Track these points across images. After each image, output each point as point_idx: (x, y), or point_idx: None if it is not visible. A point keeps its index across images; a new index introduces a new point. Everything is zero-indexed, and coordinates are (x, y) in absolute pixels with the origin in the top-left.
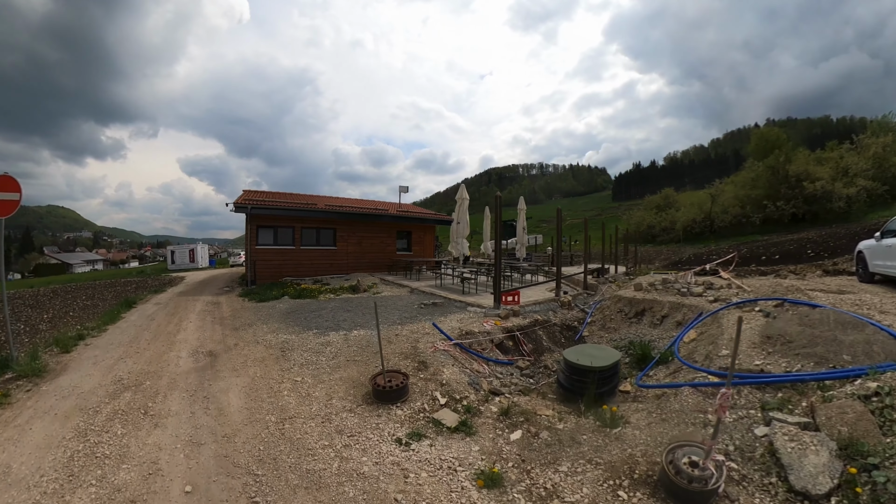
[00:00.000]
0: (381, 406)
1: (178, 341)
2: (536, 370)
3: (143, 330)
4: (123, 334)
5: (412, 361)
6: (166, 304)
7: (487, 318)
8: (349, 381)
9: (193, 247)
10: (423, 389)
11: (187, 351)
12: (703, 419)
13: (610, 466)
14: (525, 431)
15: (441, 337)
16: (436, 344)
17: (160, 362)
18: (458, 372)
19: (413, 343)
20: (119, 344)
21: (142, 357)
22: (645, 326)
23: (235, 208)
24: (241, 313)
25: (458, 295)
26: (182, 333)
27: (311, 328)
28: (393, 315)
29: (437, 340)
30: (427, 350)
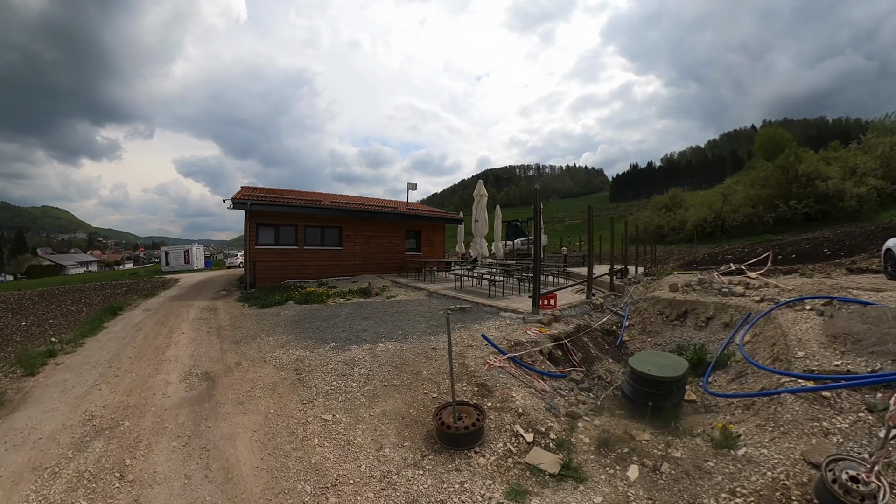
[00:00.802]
0: (453, 453)
1: (167, 359)
2: (591, 382)
3: (127, 344)
4: (103, 350)
5: (469, 384)
6: (156, 310)
7: (529, 326)
8: (398, 418)
9: (188, 248)
10: (499, 423)
11: (178, 373)
12: (821, 428)
13: (759, 496)
14: (640, 466)
15: (491, 350)
16: (489, 360)
17: (144, 390)
18: (528, 395)
19: (459, 359)
20: (96, 363)
21: (122, 382)
22: (689, 329)
23: (234, 204)
24: (242, 322)
25: (485, 298)
26: (173, 348)
27: (327, 341)
28: (419, 323)
29: (487, 355)
30: (480, 368)
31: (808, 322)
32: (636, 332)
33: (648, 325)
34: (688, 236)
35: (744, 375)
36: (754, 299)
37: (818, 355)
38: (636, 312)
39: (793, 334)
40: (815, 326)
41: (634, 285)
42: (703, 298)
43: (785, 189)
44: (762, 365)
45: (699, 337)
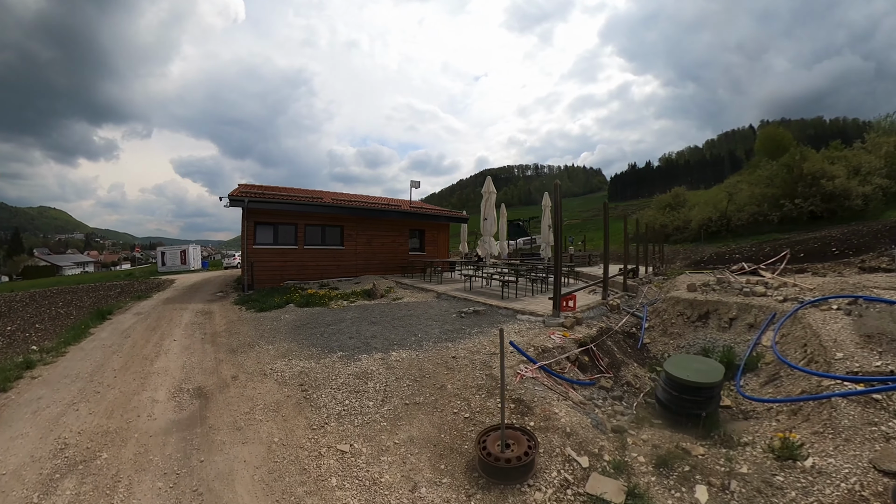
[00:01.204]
0: (504, 489)
1: (155, 372)
2: (621, 389)
3: (113, 353)
4: (86, 360)
5: (504, 400)
6: (148, 314)
7: (552, 329)
8: (429, 446)
9: (185, 248)
10: (548, 447)
11: (167, 389)
12: (881, 432)
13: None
14: (707, 486)
15: (519, 359)
16: (519, 370)
17: (127, 410)
18: (571, 410)
19: (485, 369)
20: (76, 377)
21: (103, 401)
22: (712, 330)
23: (230, 202)
24: (239, 327)
25: (499, 300)
26: (162, 359)
27: (333, 349)
28: (432, 328)
29: (517, 364)
30: (511, 380)
31: (837, 322)
32: (657, 333)
33: (669, 327)
34: (693, 235)
35: (777, 378)
36: (777, 299)
37: (857, 356)
38: (655, 313)
39: (826, 335)
40: (847, 326)
41: (647, 285)
42: (725, 298)
43: (790, 188)
44: (801, 367)
45: (724, 338)
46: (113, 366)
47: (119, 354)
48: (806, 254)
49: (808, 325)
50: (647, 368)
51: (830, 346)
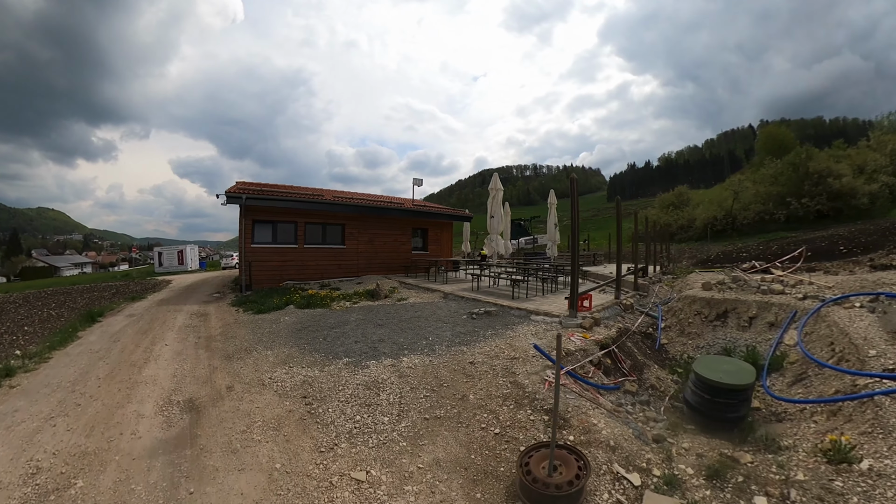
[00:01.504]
0: None
1: (143, 381)
2: (647, 392)
3: (100, 359)
4: (70, 367)
5: (533, 411)
6: (140, 316)
7: (571, 331)
8: (458, 469)
9: (182, 248)
10: (593, 463)
11: (155, 401)
12: None
13: None
14: (766, 496)
15: (544, 364)
16: (547, 377)
17: (110, 427)
18: (609, 420)
19: (508, 376)
20: (58, 386)
21: (83, 415)
22: (732, 329)
23: (227, 199)
24: (236, 330)
25: (509, 300)
26: (151, 366)
27: (339, 355)
28: (443, 331)
29: (542, 370)
30: (538, 387)
31: (863, 320)
32: (674, 333)
33: (687, 327)
34: (697, 234)
35: (805, 378)
36: (796, 297)
37: (889, 353)
38: (670, 313)
39: (855, 332)
40: (873, 324)
41: (657, 284)
42: (743, 297)
43: (796, 186)
44: (834, 366)
45: (745, 338)
46: (98, 374)
47: (106, 361)
48: (814, 252)
49: (834, 322)
50: (667, 370)
51: (862, 344)
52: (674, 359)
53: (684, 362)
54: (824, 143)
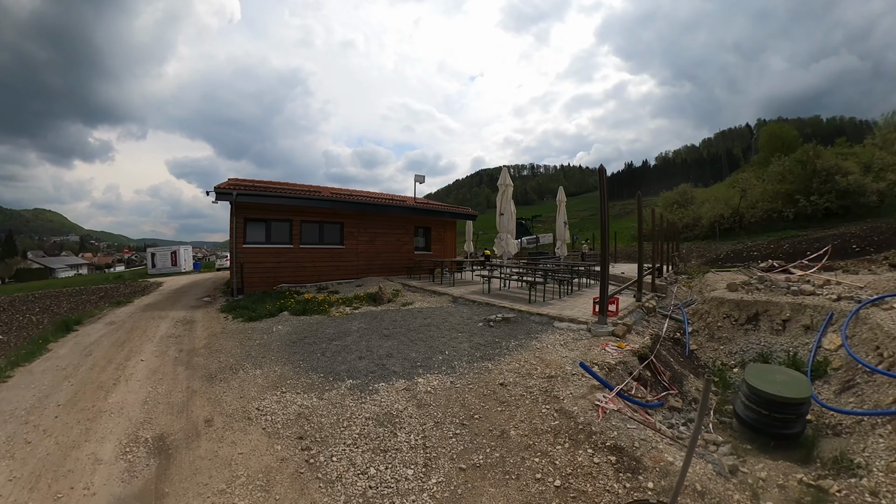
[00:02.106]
0: None
1: (108, 410)
2: (690, 407)
3: (65, 379)
4: (30, 388)
5: (594, 449)
6: (121, 323)
7: (604, 340)
8: None
9: (176, 249)
10: None
11: (118, 439)
12: None
13: None
14: None
15: (589, 383)
16: (599, 402)
17: (59, 477)
18: (682, 453)
19: (551, 401)
20: (10, 415)
21: (31, 458)
22: (764, 333)
23: (217, 195)
24: (222, 342)
25: (525, 304)
26: (121, 388)
27: (340, 375)
28: (459, 342)
29: (589, 392)
30: (590, 415)
31: None
32: (703, 338)
33: (716, 331)
34: (704, 233)
35: (854, 386)
36: (830, 298)
37: None
38: (696, 316)
39: None
40: None
41: (674, 285)
42: (775, 298)
43: (805, 184)
44: (887, 371)
45: (779, 342)
46: (59, 399)
47: (72, 381)
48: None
49: (877, 325)
50: (700, 379)
51: None
52: (706, 366)
53: (718, 370)
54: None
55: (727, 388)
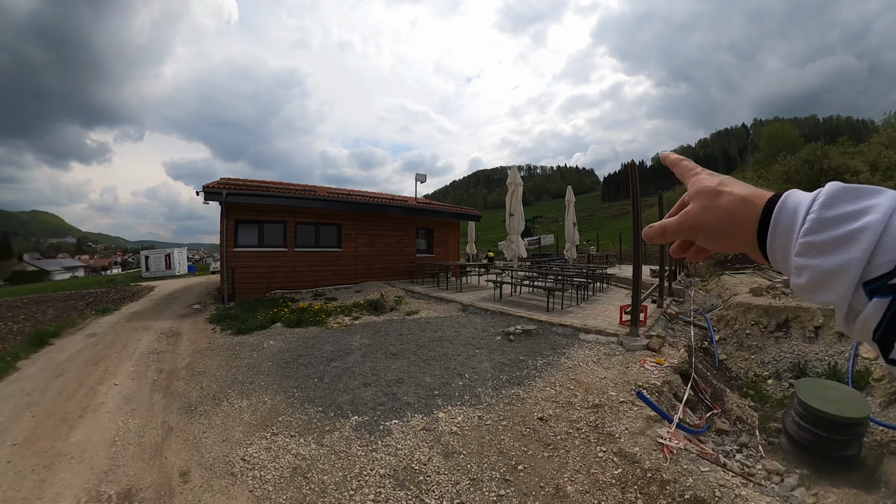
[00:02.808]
0: None
1: (69, 453)
2: (736, 427)
3: (28, 407)
4: None
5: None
6: (102, 336)
7: (641, 356)
8: None
9: (170, 252)
10: None
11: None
12: None
13: None
14: None
15: (648, 415)
16: (663, 439)
17: None
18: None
19: (605, 440)
20: None
21: None
22: (797, 341)
23: (206, 195)
24: (207, 361)
25: (544, 313)
26: (88, 421)
27: (343, 409)
28: (480, 361)
29: (647, 427)
30: (653, 455)
31: None
32: (731, 347)
33: (745, 339)
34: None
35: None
36: None
37: None
38: (721, 322)
39: None
40: None
41: (691, 289)
42: (805, 304)
43: (812, 184)
44: None
45: (813, 351)
46: (16, 436)
47: (34, 410)
48: None
49: None
50: (738, 393)
51: None
52: (738, 378)
53: (751, 382)
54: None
55: (765, 401)
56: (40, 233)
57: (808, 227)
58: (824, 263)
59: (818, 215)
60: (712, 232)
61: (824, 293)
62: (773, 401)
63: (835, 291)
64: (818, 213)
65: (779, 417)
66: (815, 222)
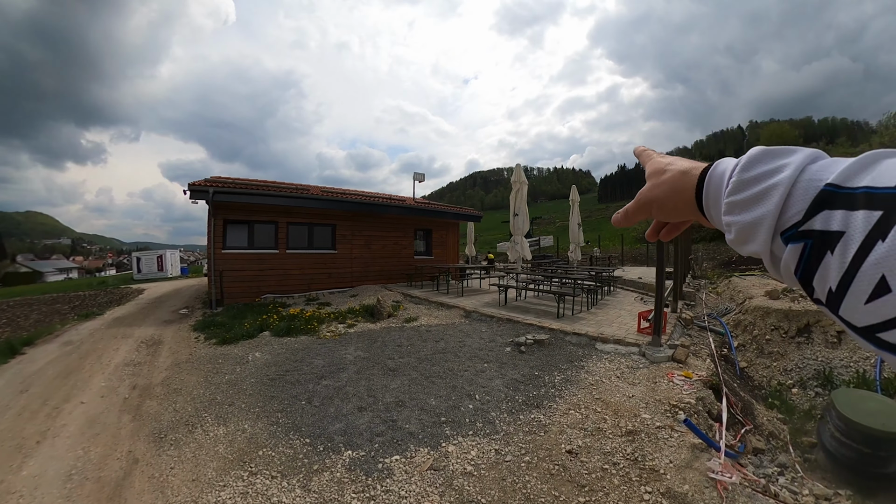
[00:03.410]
0: None
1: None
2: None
3: None
4: None
5: None
6: (79, 343)
7: (669, 369)
8: None
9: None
10: None
11: None
12: None
13: None
14: None
15: (693, 442)
16: (714, 472)
17: None
18: None
19: (649, 478)
20: None
21: None
22: (819, 347)
23: (192, 193)
24: (185, 377)
25: (554, 320)
26: (44, 451)
27: (334, 440)
28: (489, 377)
29: (692, 456)
30: (713, 497)
31: None
32: (751, 354)
33: (765, 345)
34: (710, 234)
35: None
36: None
37: None
38: (738, 327)
39: None
40: None
41: (701, 291)
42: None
43: None
44: None
45: (837, 357)
46: None
47: None
48: None
49: None
50: (764, 404)
51: None
52: (761, 387)
53: (775, 391)
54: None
55: (792, 412)
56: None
57: (731, 189)
58: (745, 218)
59: (738, 178)
60: (662, 204)
61: (750, 244)
62: (801, 412)
63: (756, 242)
64: (738, 176)
65: (808, 430)
66: (735, 184)
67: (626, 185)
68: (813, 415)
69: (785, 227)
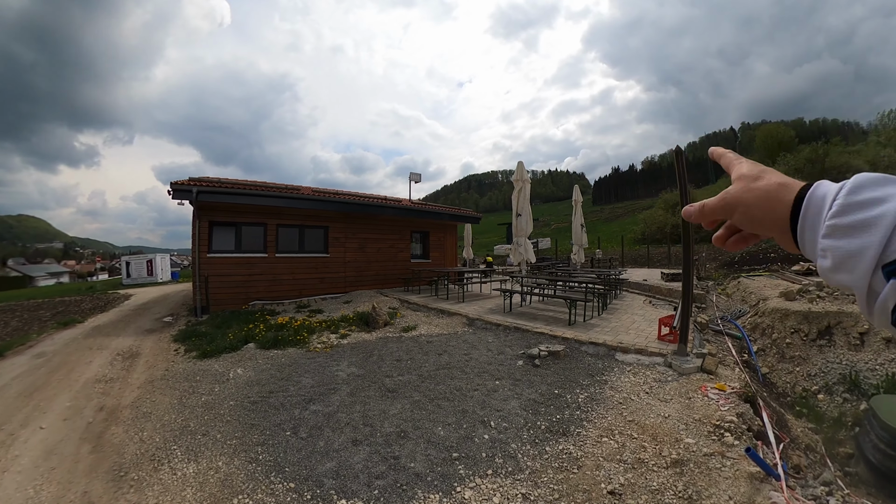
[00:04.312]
0: None
1: None
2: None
3: None
4: None
5: None
6: (51, 356)
7: (701, 382)
8: None
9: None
10: None
11: None
12: None
13: None
14: None
15: (751, 471)
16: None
17: None
18: None
19: None
20: None
21: None
22: (842, 349)
23: (174, 193)
24: (158, 398)
25: (566, 328)
26: None
27: (324, 482)
28: (503, 398)
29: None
30: None
31: None
32: (772, 358)
33: (785, 349)
34: (708, 235)
35: None
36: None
37: None
38: (756, 331)
39: None
40: None
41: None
42: (846, 308)
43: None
44: None
45: (862, 360)
46: None
47: None
48: None
49: None
50: (793, 414)
51: None
52: (785, 394)
53: (800, 398)
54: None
55: (821, 421)
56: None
57: (834, 211)
58: (846, 245)
59: (844, 200)
60: (749, 209)
61: (847, 274)
62: (831, 419)
63: (855, 272)
64: (844, 199)
65: (842, 439)
66: (840, 207)
67: (619, 188)
68: (844, 423)
69: (888, 260)
